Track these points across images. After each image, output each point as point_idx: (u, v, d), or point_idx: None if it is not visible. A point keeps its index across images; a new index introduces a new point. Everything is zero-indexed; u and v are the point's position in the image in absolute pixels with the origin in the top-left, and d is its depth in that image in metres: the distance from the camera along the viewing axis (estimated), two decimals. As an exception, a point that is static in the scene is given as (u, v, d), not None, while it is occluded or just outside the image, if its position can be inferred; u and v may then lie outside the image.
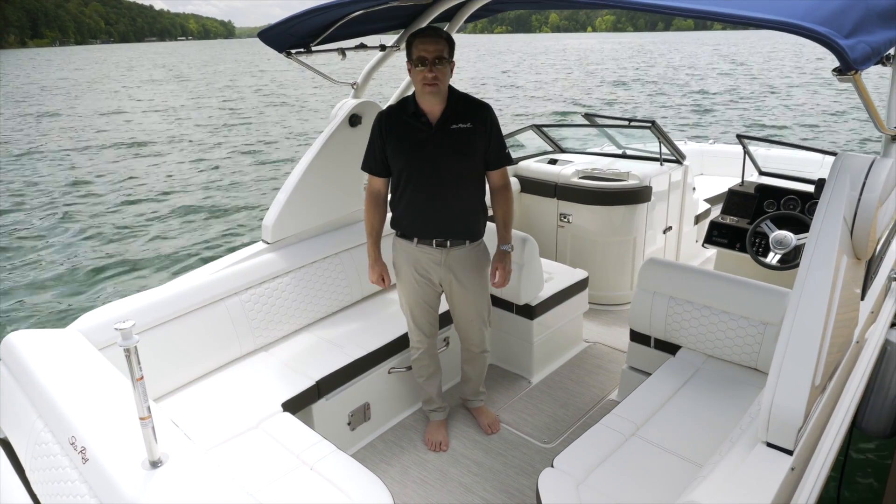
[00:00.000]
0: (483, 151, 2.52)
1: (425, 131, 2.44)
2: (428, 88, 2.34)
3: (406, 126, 2.47)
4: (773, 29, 1.40)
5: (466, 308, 2.76)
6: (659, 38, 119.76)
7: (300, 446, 2.27)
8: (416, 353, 2.88)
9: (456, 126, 2.44)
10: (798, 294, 1.70)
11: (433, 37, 2.33)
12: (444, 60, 2.33)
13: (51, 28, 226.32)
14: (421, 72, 2.33)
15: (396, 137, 2.48)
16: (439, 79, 2.34)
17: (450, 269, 2.62)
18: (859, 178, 1.85)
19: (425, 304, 2.75)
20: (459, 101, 2.48)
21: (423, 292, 2.72)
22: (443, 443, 2.91)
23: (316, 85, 30.18)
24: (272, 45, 2.79)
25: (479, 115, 2.48)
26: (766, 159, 4.67)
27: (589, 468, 2.13)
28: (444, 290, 2.74)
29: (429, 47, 2.30)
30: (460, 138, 2.45)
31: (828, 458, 1.80)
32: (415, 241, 2.60)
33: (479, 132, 2.47)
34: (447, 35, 2.37)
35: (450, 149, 2.45)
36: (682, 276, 2.84)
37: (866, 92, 1.67)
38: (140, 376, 1.39)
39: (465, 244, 2.61)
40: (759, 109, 18.83)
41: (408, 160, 2.48)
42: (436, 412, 3.01)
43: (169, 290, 2.70)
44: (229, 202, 9.93)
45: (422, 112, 2.44)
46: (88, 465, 1.58)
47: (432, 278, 2.67)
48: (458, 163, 2.48)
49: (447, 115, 2.44)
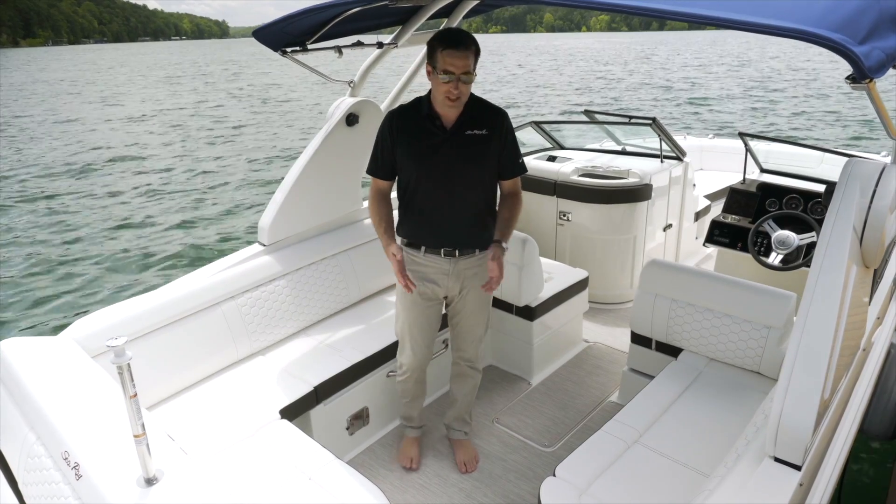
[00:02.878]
0: (497, 159, 2.41)
1: (439, 135, 2.33)
2: (450, 102, 2.24)
3: (419, 128, 2.34)
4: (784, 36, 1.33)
5: (467, 318, 2.63)
6: (656, 38, 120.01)
7: (298, 456, 2.23)
8: (404, 375, 2.73)
9: (471, 132, 2.33)
10: (807, 305, 1.65)
11: (462, 50, 2.15)
12: (469, 75, 2.20)
13: (44, 28, 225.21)
14: (445, 84, 2.19)
15: (408, 140, 2.36)
16: (463, 93, 2.23)
17: (458, 280, 2.50)
18: (870, 184, 1.80)
19: (426, 324, 2.61)
20: (476, 106, 2.36)
21: (425, 312, 2.58)
22: (414, 459, 2.81)
23: (314, 83, 30.07)
24: (267, 43, 2.74)
25: (495, 122, 2.37)
26: (767, 156, 4.64)
27: (591, 477, 2.09)
28: (449, 301, 2.62)
29: (457, 62, 2.16)
30: (475, 145, 2.34)
31: (834, 471, 1.77)
32: (423, 251, 2.47)
33: (494, 139, 2.37)
34: (475, 45, 2.20)
35: (464, 155, 2.34)
36: (685, 277, 2.80)
37: (880, 100, 1.64)
38: (133, 393, 1.35)
39: (475, 253, 2.48)
40: (768, 112, 18.80)
41: (419, 164, 2.36)
42: (413, 429, 2.89)
43: (164, 294, 2.65)
44: (220, 207, 9.86)
45: (437, 115, 2.32)
46: (82, 481, 1.54)
47: (438, 290, 2.53)
48: (472, 170, 2.37)
49: (463, 120, 2.33)
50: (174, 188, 10.98)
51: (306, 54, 2.90)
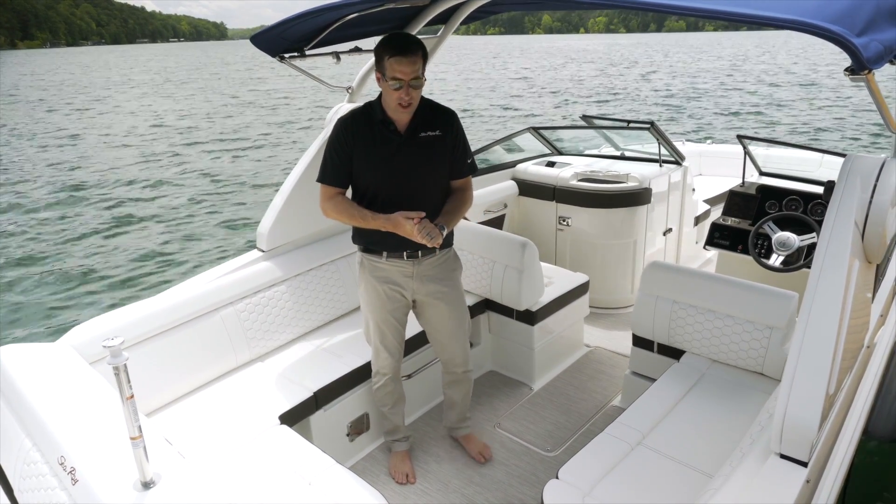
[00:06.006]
0: (450, 159, 2.43)
1: (395, 140, 2.33)
2: (402, 109, 2.25)
3: (374, 134, 2.33)
4: (784, 28, 1.35)
5: (444, 321, 2.59)
6: (654, 38, 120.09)
7: (298, 461, 2.21)
8: (381, 379, 2.68)
9: (425, 134, 2.35)
10: (810, 301, 1.64)
11: (409, 56, 2.16)
12: (418, 80, 2.20)
13: (41, 29, 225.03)
14: (396, 91, 2.20)
15: (363, 146, 2.34)
16: (414, 99, 2.24)
17: (422, 281, 2.49)
18: (870, 179, 1.79)
19: (393, 320, 2.57)
20: (427, 108, 2.38)
21: (391, 307, 2.54)
22: (410, 474, 2.76)
23: (311, 89, 30.07)
24: (265, 49, 2.73)
25: (446, 123, 2.40)
26: (766, 159, 4.64)
27: (595, 479, 2.08)
28: (417, 307, 2.60)
29: (405, 69, 2.16)
30: (430, 146, 2.36)
31: (841, 468, 1.75)
32: (384, 256, 2.45)
33: (447, 140, 2.39)
34: (423, 49, 2.20)
35: (420, 157, 2.35)
36: (686, 279, 2.79)
37: (879, 92, 1.63)
38: (130, 395, 1.34)
39: (436, 252, 2.48)
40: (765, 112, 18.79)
41: (377, 171, 2.35)
42: (399, 442, 2.83)
43: (162, 300, 2.64)
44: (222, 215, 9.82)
45: (390, 120, 2.32)
46: (78, 486, 1.53)
47: (404, 293, 2.52)
48: (429, 172, 2.39)
49: (416, 123, 2.34)
50: (174, 188, 10.97)
51: (304, 60, 2.89)
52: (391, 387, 2.71)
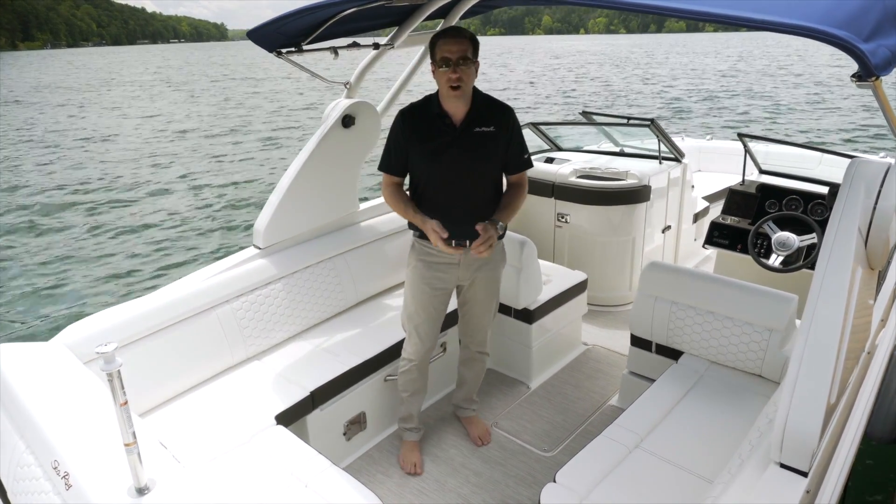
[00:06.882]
0: (504, 154, 2.50)
1: (449, 134, 2.41)
2: (453, 92, 2.32)
3: (430, 127, 2.43)
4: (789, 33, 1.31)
5: (475, 302, 2.72)
6: (654, 39, 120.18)
7: (294, 462, 2.19)
8: (408, 365, 2.75)
9: (479, 129, 2.42)
10: (812, 309, 1.62)
11: (456, 37, 2.29)
12: (468, 61, 2.30)
13: (42, 31, 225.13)
14: (445, 73, 2.30)
15: (419, 138, 2.44)
16: (463, 80, 2.31)
17: (468, 269, 2.59)
18: (874, 185, 1.76)
19: (434, 311, 2.67)
20: (483, 103, 2.46)
21: (433, 301, 2.64)
22: (418, 464, 2.80)
23: (308, 85, 30.05)
24: (262, 44, 2.71)
25: (502, 119, 2.47)
26: (765, 156, 4.62)
27: (592, 483, 2.06)
28: (459, 290, 2.71)
29: (452, 48, 2.27)
30: (483, 142, 2.43)
31: (840, 476, 1.73)
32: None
33: (501, 136, 2.46)
34: (471, 35, 2.32)
35: (473, 152, 2.43)
36: (685, 280, 2.77)
37: (886, 99, 1.61)
38: (124, 401, 1.32)
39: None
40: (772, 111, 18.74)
41: (430, 164, 2.45)
42: (411, 432, 2.89)
43: (157, 299, 2.62)
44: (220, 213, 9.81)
45: (446, 113, 2.41)
46: (72, 491, 1.51)
47: (449, 280, 2.61)
48: (481, 166, 2.46)
49: (471, 118, 2.41)
50: (173, 189, 10.95)
51: (302, 55, 2.87)
52: (415, 374, 2.77)
